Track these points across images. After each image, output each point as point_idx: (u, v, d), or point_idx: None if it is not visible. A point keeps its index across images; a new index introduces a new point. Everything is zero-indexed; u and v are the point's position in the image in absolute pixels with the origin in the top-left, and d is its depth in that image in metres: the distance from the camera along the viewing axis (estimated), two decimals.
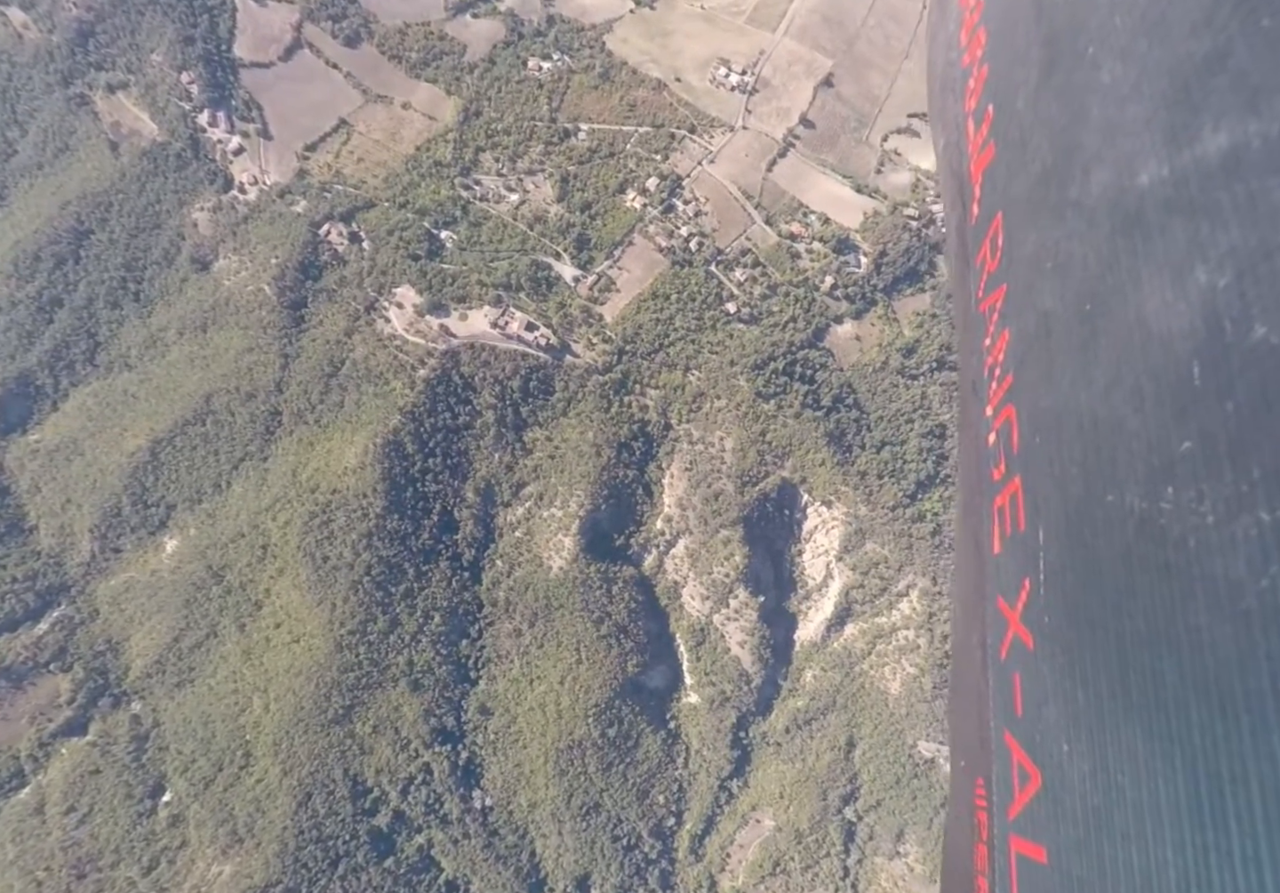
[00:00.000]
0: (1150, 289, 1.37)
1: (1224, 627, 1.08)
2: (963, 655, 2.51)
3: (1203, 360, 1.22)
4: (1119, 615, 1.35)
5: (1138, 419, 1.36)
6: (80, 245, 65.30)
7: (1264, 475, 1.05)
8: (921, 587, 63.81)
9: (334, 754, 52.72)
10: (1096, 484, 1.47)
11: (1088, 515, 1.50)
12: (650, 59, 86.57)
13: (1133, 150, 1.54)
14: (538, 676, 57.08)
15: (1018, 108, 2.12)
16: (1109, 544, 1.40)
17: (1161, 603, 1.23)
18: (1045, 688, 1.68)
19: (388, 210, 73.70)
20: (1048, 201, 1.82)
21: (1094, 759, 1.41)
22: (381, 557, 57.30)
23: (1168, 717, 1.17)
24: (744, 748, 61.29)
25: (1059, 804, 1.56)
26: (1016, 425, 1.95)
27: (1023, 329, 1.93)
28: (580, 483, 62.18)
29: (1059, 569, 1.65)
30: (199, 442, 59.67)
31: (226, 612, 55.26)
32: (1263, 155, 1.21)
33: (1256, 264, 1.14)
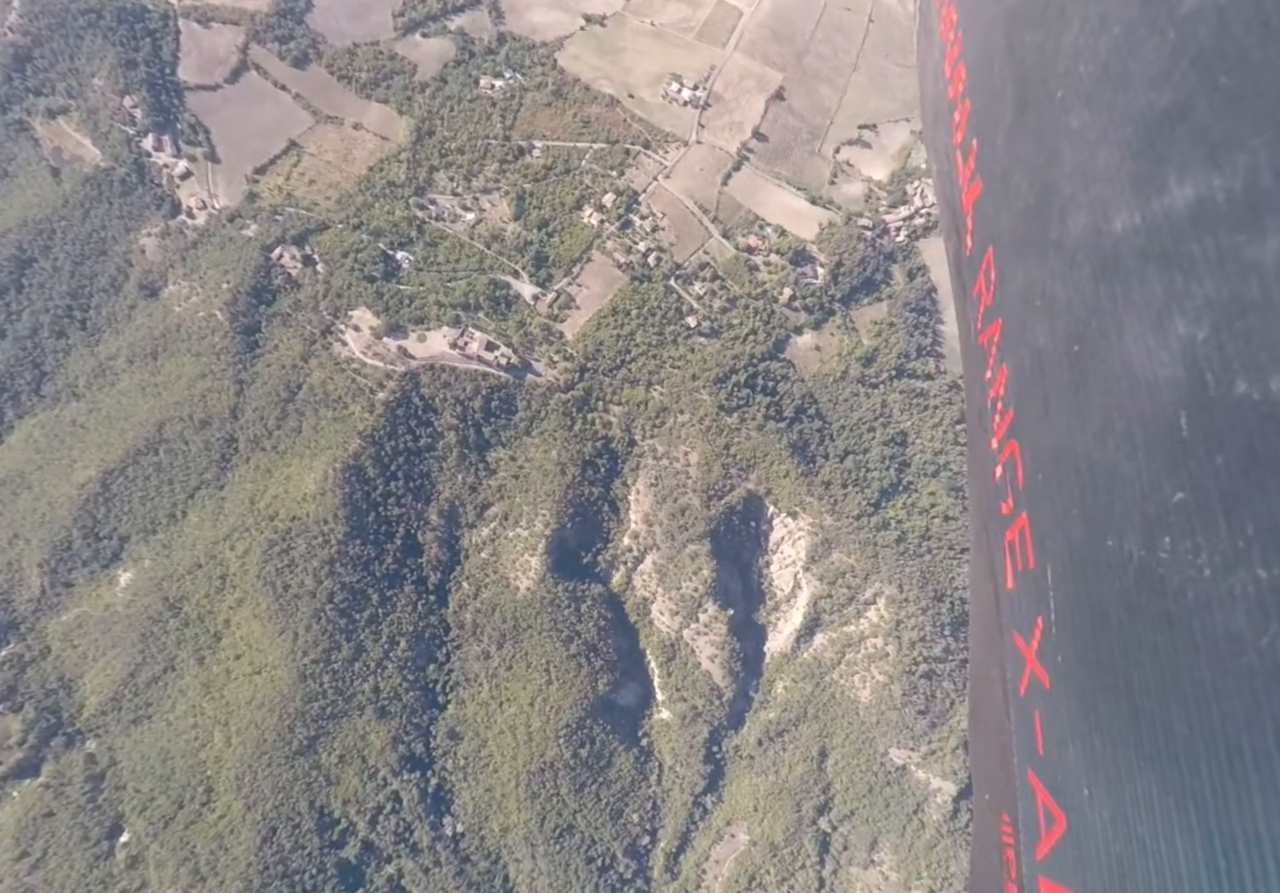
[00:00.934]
0: (1133, 335, 1.44)
1: (1228, 681, 1.10)
2: (981, 687, 2.58)
3: (1189, 412, 1.26)
4: (1127, 662, 1.38)
5: (1131, 466, 1.40)
6: (23, 274, 66.95)
7: (1259, 532, 1.08)
8: (888, 594, 67.57)
9: (299, 786, 54.19)
10: (1096, 528, 1.52)
11: (1090, 558, 1.54)
12: (603, 75, 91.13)
13: (1105, 196, 1.62)
14: (507, 698, 59.35)
15: (998, 144, 2.21)
16: (1112, 589, 1.44)
17: (1166, 653, 1.26)
18: (1064, 729, 1.69)
19: (341, 232, 76.49)
20: (1032, 240, 1.90)
21: (1114, 807, 1.43)
22: (344, 583, 59.31)
23: (1179, 770, 1.20)
24: (717, 762, 64.04)
25: (1084, 850, 1.59)
26: (1020, 461, 1.99)
27: (1019, 365, 1.99)
28: (545, 502, 64.99)
29: (1068, 609, 1.68)
30: (152, 471, 61.27)
31: (184, 645, 56.62)
32: (1228, 210, 1.26)
33: (1232, 320, 1.19)
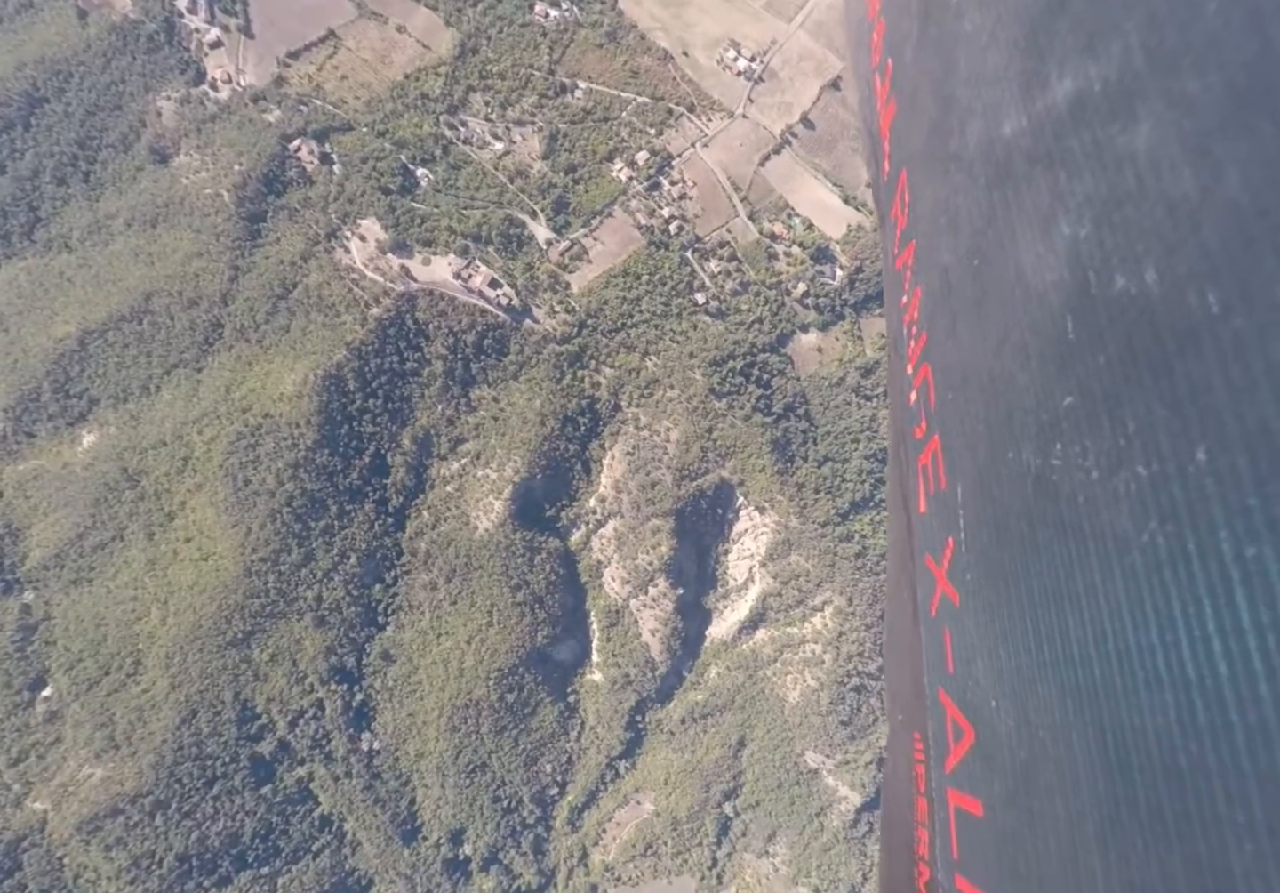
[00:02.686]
0: (1024, 243, 1.62)
1: (1115, 582, 1.27)
2: (896, 612, 2.98)
3: (1074, 314, 1.42)
4: (1028, 572, 1.58)
5: (1026, 375, 1.58)
6: (32, 112, 70.86)
7: (1138, 429, 1.23)
8: (837, 605, 75.75)
9: (226, 676, 60.34)
10: (998, 441, 1.72)
11: (995, 472, 1.76)
12: (661, 27, 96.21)
13: (996, 101, 1.80)
14: (446, 631, 66.14)
15: (906, 61, 2.48)
16: (1013, 501, 1.65)
17: (1062, 559, 1.44)
18: (972, 645, 1.94)
19: (365, 136, 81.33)
20: (936, 155, 2.14)
21: (1018, 715, 1.66)
22: (305, 489, 65.21)
23: (1075, 672, 1.40)
24: (638, 731, 71.79)
25: (991, 759, 1.84)
26: (932, 384, 2.26)
27: (930, 286, 2.24)
28: (520, 449, 71.49)
29: (976, 527, 1.91)
30: (132, 340, 66.23)
31: (136, 518, 62.11)
32: (1104, 100, 1.40)
33: (1110, 213, 1.34)
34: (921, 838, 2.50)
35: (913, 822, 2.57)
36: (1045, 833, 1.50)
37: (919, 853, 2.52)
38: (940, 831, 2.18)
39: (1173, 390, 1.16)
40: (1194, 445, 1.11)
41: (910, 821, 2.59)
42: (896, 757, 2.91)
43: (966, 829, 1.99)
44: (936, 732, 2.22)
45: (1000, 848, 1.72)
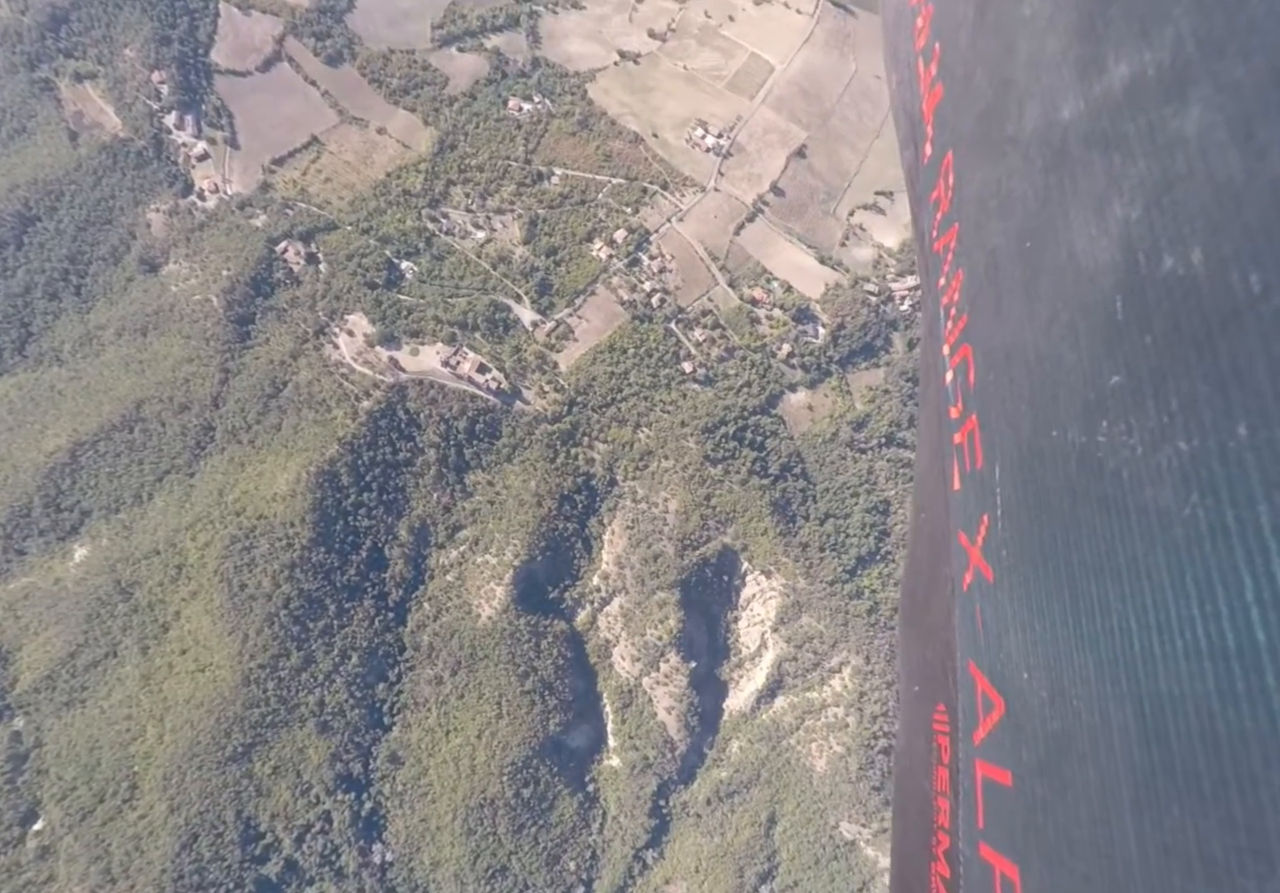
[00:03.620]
0: (1078, 225, 1.62)
1: (1156, 555, 1.29)
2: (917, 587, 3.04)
3: (1124, 294, 1.45)
4: (1068, 547, 1.59)
5: (1074, 355, 1.60)
6: (25, 232, 71.10)
7: (1181, 406, 1.25)
8: (854, 665, 72.27)
9: (227, 794, 56.35)
10: (1043, 420, 1.74)
11: (1036, 451, 1.76)
12: (630, 112, 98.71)
13: (1054, 84, 1.80)
14: (455, 727, 62.36)
15: (960, 45, 2.47)
16: (1055, 478, 1.66)
17: (1103, 534, 1.47)
18: (1006, 619, 1.95)
19: (350, 234, 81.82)
20: (990, 139, 2.13)
21: (1052, 686, 1.67)
22: (303, 589, 62.52)
23: (1114, 643, 1.41)
24: (663, 817, 67.26)
25: (1022, 730, 1.84)
26: (972, 364, 2.28)
27: (974, 268, 2.26)
28: (518, 531, 69.17)
29: (1014, 504, 1.92)
30: (124, 449, 64.56)
31: (130, 631, 59.15)
32: (1157, 84, 1.42)
33: (1160, 195, 1.35)
34: (941, 808, 2.46)
35: (931, 792, 2.53)
36: (1077, 800, 1.50)
37: (938, 822, 2.49)
38: (965, 801, 2.14)
39: (1216, 368, 1.18)
40: (1235, 421, 1.13)
41: (928, 790, 2.54)
42: (912, 728, 2.85)
43: (994, 799, 1.97)
44: (966, 704, 2.20)
45: (1029, 816, 1.72)
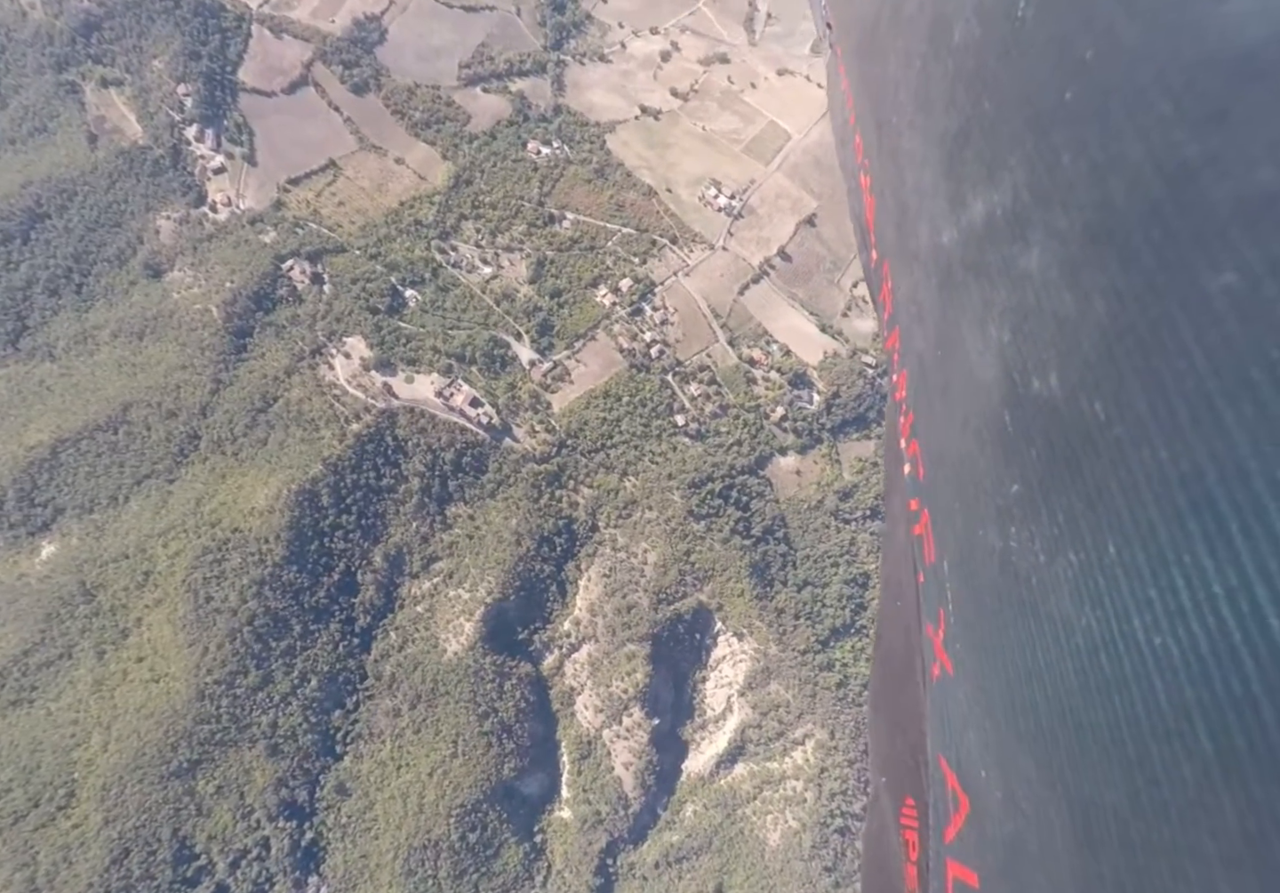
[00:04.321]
0: (969, 340, 1.82)
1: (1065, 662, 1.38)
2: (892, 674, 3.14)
3: (1009, 409, 1.59)
4: (1000, 647, 1.70)
5: (984, 460, 1.75)
6: (33, 227, 75.75)
7: (1066, 520, 1.36)
8: (819, 739, 75.17)
9: (166, 811, 57.83)
10: (970, 520, 1.87)
11: (970, 549, 1.90)
12: (646, 166, 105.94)
13: (933, 211, 2.05)
14: (407, 762, 64.40)
15: (875, 164, 2.82)
16: (986, 580, 1.79)
17: (1024, 638, 1.56)
18: (964, 714, 2.05)
19: (357, 258, 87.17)
20: (903, 251, 2.39)
21: (1004, 787, 1.75)
22: (269, 607, 65.21)
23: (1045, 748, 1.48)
24: (608, 876, 68.77)
25: (984, 830, 1.92)
26: (920, 459, 2.48)
27: (911, 369, 2.47)
28: (494, 568, 72.51)
29: (960, 601, 2.06)
30: (106, 450, 67.88)
31: (89, 634, 61.38)
32: (1004, 223, 1.62)
33: (1020, 323, 1.53)
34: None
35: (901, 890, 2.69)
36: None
37: None
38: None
39: (1084, 487, 1.31)
40: (1105, 538, 1.25)
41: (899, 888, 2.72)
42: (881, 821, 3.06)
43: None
44: (938, 800, 2.32)
45: None
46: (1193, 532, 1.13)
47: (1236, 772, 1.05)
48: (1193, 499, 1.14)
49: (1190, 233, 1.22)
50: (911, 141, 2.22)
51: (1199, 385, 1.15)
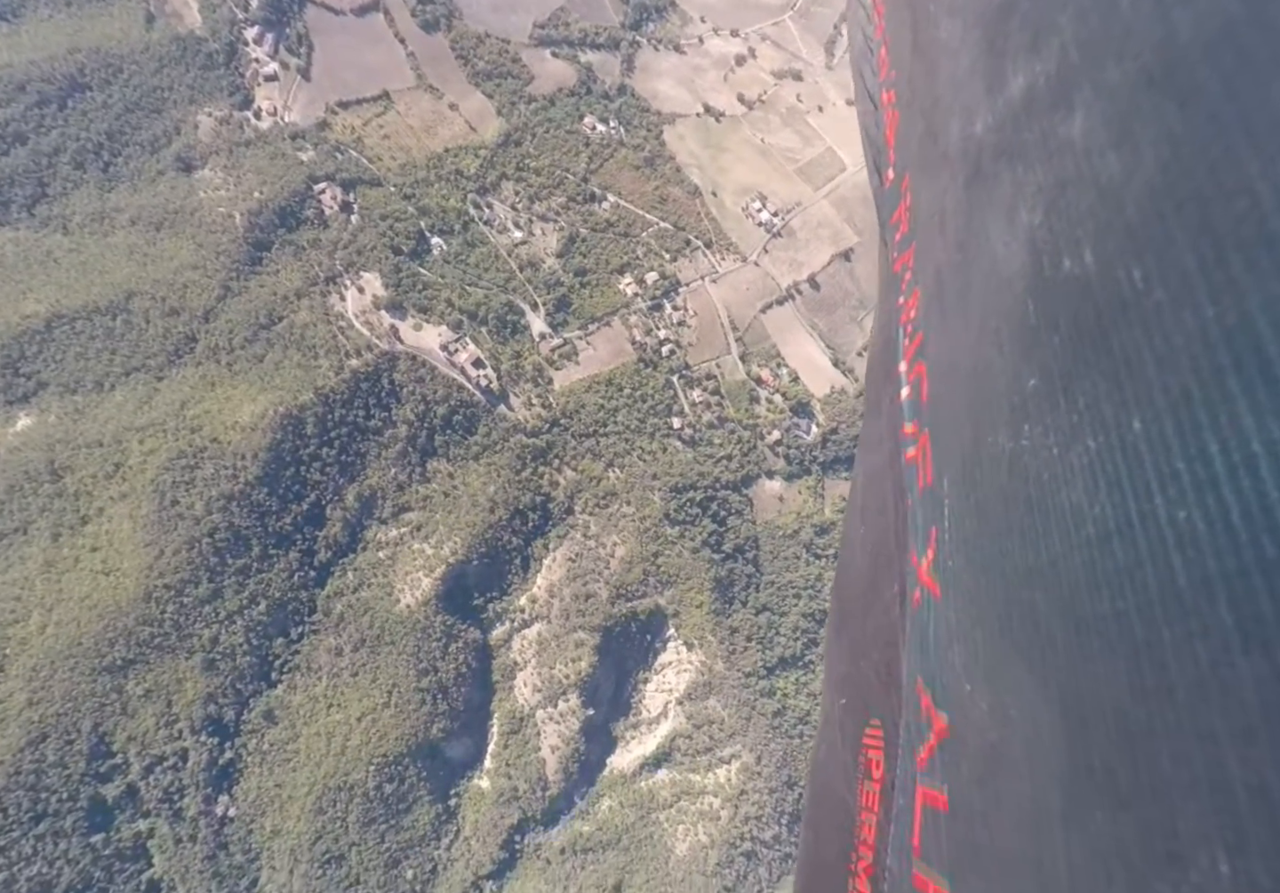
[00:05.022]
0: (995, 234, 1.87)
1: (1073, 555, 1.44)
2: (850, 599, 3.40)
3: (1034, 297, 1.64)
4: (1002, 555, 1.77)
5: (1000, 361, 1.81)
6: (71, 95, 77.98)
7: (1086, 404, 1.41)
8: (745, 762, 79.38)
9: (91, 704, 60.20)
10: (980, 428, 1.93)
11: (977, 460, 1.97)
12: (697, 165, 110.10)
13: (969, 100, 2.09)
14: (339, 703, 67.40)
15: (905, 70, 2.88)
16: (991, 486, 1.86)
17: (1030, 538, 1.62)
18: (950, 632, 2.16)
19: (390, 195, 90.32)
20: (930, 157, 2.44)
21: (990, 697, 1.86)
22: (233, 523, 67.96)
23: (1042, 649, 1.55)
24: (513, 852, 72.31)
25: (962, 744, 2.04)
26: (925, 380, 2.56)
27: (926, 285, 2.53)
28: (463, 530, 75.87)
29: (959, 515, 2.14)
30: (101, 334, 70.26)
31: (48, 515, 63.56)
32: (1046, 92, 1.66)
33: (1055, 200, 1.56)
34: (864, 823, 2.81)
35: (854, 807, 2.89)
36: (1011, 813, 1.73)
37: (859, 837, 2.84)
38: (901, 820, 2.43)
39: (1111, 364, 1.37)
40: (1130, 415, 1.30)
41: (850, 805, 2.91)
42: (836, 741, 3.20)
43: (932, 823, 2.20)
44: (912, 723, 2.43)
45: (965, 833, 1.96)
46: (1233, 389, 1.17)
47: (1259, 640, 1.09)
48: (1237, 354, 1.18)
49: (1268, 52, 1.24)
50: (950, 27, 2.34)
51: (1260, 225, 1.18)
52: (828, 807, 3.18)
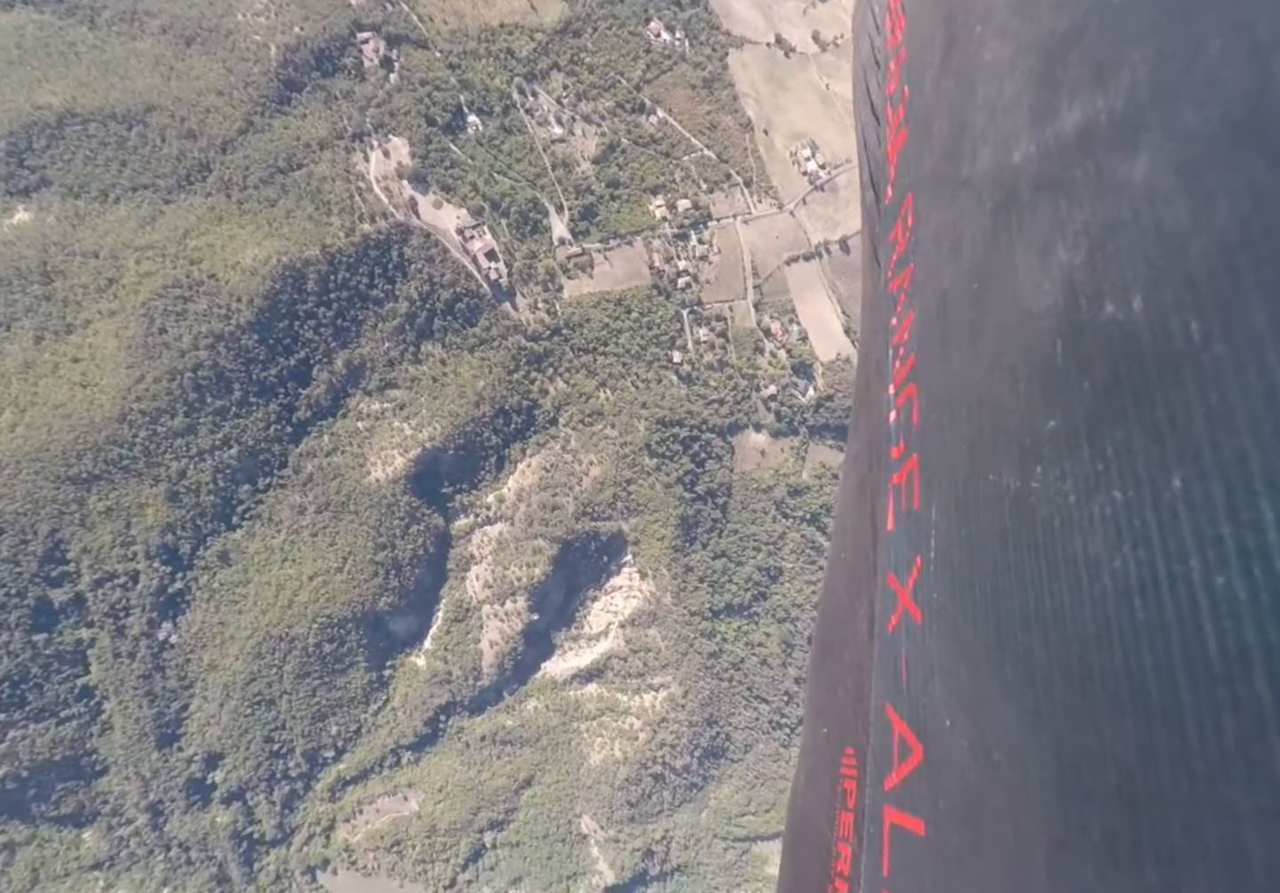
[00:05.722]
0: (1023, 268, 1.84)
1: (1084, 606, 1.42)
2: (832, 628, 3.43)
3: (1064, 338, 1.60)
4: (997, 593, 1.78)
5: (1013, 399, 1.79)
6: None
7: (1116, 454, 1.37)
8: (672, 693, 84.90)
9: (51, 509, 63.25)
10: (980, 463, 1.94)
11: (973, 493, 1.98)
12: (755, 98, 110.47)
13: (1009, 128, 2.08)
14: (294, 558, 71.15)
15: (925, 89, 2.88)
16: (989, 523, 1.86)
17: (1033, 581, 1.61)
18: (931, 663, 2.18)
19: (435, 61, 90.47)
20: (947, 181, 2.46)
21: (973, 734, 1.85)
22: (218, 363, 70.14)
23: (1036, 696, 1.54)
24: (436, 730, 78.42)
25: (939, 778, 2.06)
26: (916, 404, 2.57)
27: (925, 308, 2.56)
28: (445, 418, 78.81)
29: (947, 547, 2.15)
30: (114, 142, 71.00)
31: (33, 316, 65.28)
32: (1108, 130, 1.62)
33: (1104, 240, 1.52)
34: (841, 853, 2.88)
35: (830, 836, 2.95)
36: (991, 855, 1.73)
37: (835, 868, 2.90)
38: (870, 847, 2.46)
39: (1153, 417, 1.33)
40: (1170, 473, 1.26)
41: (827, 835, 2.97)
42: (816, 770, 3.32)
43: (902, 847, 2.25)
44: (880, 748, 2.47)
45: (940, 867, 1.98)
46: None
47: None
48: None
49: None
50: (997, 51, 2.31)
51: None
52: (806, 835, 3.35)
